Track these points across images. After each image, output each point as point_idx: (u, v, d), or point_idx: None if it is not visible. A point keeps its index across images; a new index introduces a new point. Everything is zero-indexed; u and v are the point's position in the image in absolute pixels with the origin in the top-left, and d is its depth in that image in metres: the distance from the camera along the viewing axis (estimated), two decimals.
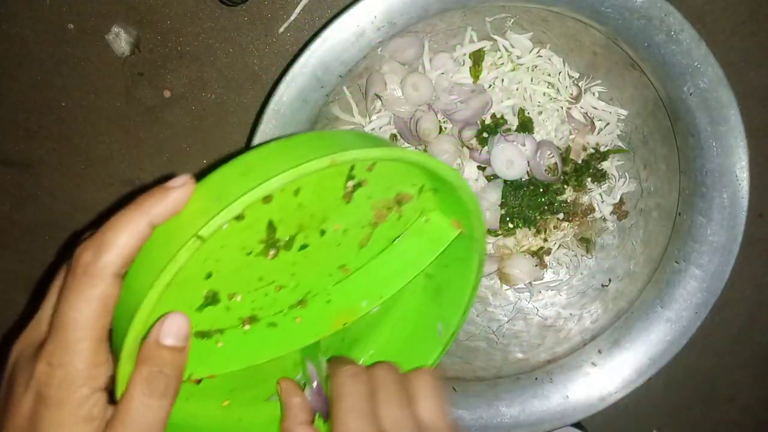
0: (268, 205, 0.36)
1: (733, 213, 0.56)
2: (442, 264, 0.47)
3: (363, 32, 0.51)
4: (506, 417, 0.61)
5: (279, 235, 0.39)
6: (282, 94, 0.51)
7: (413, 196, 0.43)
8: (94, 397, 0.32)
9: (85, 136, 0.66)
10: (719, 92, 0.53)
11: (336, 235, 0.42)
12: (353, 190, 0.39)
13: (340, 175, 0.38)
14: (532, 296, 0.68)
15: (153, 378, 0.33)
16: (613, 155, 0.64)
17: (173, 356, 0.34)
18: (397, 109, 0.60)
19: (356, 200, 0.40)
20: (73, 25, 0.63)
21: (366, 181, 0.39)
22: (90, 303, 0.32)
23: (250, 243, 0.38)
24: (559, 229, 0.66)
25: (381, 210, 0.42)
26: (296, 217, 0.39)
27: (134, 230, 0.32)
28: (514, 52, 0.61)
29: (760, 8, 0.63)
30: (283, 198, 0.36)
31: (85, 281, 0.32)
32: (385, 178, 0.41)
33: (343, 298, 0.44)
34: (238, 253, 0.38)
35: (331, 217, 0.40)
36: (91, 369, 0.32)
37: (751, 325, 0.74)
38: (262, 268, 0.40)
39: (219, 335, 0.41)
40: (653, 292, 0.61)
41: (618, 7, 0.51)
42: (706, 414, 0.77)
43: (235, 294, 0.40)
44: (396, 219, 0.44)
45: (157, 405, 0.33)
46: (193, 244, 0.31)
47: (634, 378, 0.60)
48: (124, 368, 0.33)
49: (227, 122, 0.66)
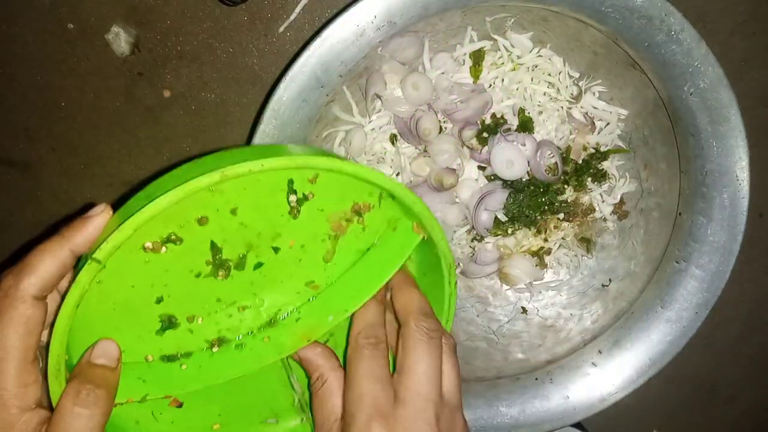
0: (205, 227, 0.37)
1: (733, 213, 0.56)
2: (421, 272, 0.47)
3: (363, 32, 0.51)
4: (506, 417, 0.60)
5: (226, 255, 0.39)
6: (282, 93, 0.51)
7: (373, 205, 0.43)
8: (25, 416, 0.34)
9: (85, 136, 0.66)
10: (720, 92, 0.53)
11: (293, 251, 0.42)
12: (299, 204, 0.39)
13: (278, 191, 0.38)
14: (533, 296, 0.68)
15: (82, 390, 0.34)
16: (614, 155, 0.64)
17: (103, 373, 0.36)
18: (397, 108, 0.60)
19: (306, 214, 0.40)
20: (73, 25, 0.63)
21: (312, 194, 0.39)
22: (12, 325, 0.33)
23: (196, 265, 0.39)
24: (560, 229, 0.66)
25: (338, 222, 0.42)
26: (241, 237, 0.39)
27: (54, 256, 0.35)
28: (514, 51, 0.61)
29: (760, 8, 0.63)
30: (220, 219, 0.37)
31: (7, 304, 0.34)
32: (336, 189, 0.40)
33: (312, 315, 0.44)
34: (187, 276, 0.39)
35: (283, 233, 0.40)
36: (18, 389, 0.34)
37: (751, 325, 0.74)
38: (217, 289, 0.41)
39: (186, 358, 0.42)
40: (654, 292, 0.60)
41: (618, 7, 0.51)
42: (706, 414, 0.77)
43: (195, 317, 0.41)
44: (360, 230, 0.44)
45: (87, 414, 0.34)
46: (90, 267, 0.33)
47: (635, 378, 0.60)
48: (53, 386, 0.34)
49: (227, 122, 0.66)
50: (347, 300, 0.44)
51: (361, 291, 0.43)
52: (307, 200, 0.40)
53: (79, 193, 0.68)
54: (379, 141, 0.62)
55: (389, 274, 0.43)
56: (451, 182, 0.60)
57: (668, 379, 0.74)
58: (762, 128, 0.67)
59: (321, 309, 0.44)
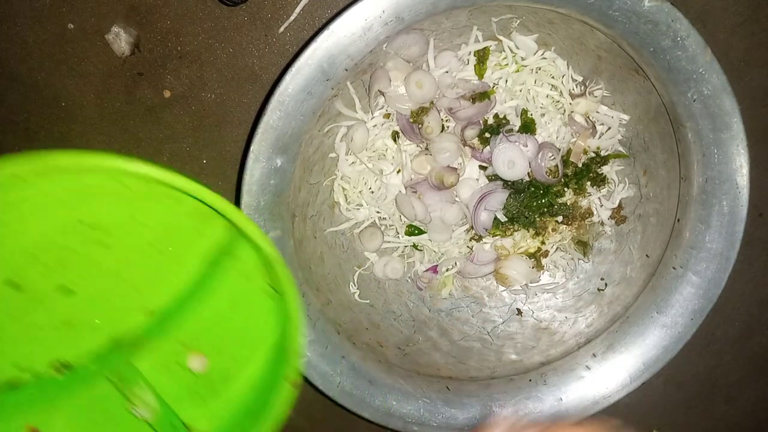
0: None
1: (731, 221, 0.56)
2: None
3: (371, 26, 0.50)
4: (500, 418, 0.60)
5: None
6: (287, 85, 0.50)
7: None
8: None
9: (85, 136, 0.66)
10: (722, 99, 0.54)
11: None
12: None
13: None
14: (528, 298, 0.68)
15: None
16: (614, 160, 0.64)
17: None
18: (399, 106, 0.60)
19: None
20: (73, 25, 0.62)
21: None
22: None
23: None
24: (558, 232, 0.66)
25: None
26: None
27: None
28: (518, 53, 0.61)
29: (760, 8, 0.63)
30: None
31: None
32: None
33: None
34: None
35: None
36: None
37: (751, 325, 0.74)
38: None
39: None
40: (649, 298, 0.61)
41: (626, 11, 0.52)
42: (706, 414, 0.77)
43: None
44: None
45: None
46: None
47: (628, 382, 0.60)
48: None
49: (227, 122, 0.65)
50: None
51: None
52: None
53: None
54: (380, 137, 0.62)
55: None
56: (451, 181, 0.60)
57: (668, 379, 0.75)
58: (762, 128, 0.67)
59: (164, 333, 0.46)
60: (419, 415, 0.60)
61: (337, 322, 0.61)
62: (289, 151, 0.53)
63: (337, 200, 0.64)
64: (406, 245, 0.67)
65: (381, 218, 0.65)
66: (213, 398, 0.49)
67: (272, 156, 0.52)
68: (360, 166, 0.62)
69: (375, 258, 0.66)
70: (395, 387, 0.60)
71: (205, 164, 0.66)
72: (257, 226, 0.42)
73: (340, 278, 0.65)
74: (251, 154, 0.52)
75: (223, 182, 0.67)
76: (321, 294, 0.61)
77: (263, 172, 0.53)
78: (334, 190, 0.64)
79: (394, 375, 0.61)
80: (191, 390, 0.49)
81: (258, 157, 0.52)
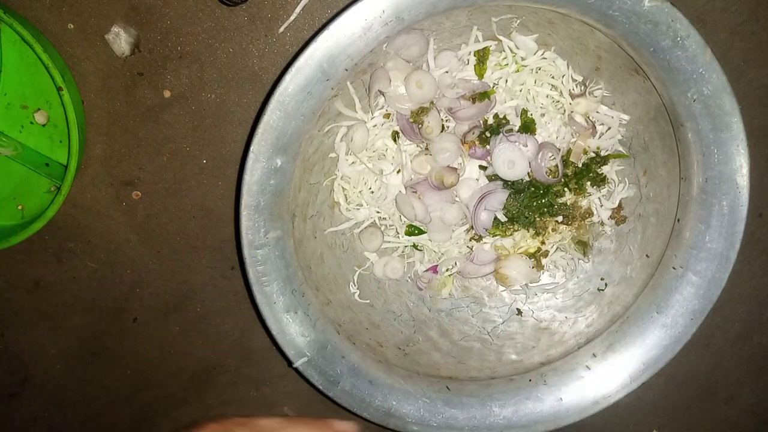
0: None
1: (731, 221, 0.56)
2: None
3: (371, 26, 0.50)
4: (499, 418, 0.60)
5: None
6: (287, 85, 0.50)
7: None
8: None
9: (85, 136, 0.66)
10: (723, 99, 0.54)
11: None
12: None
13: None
14: (528, 298, 0.68)
15: None
16: (614, 160, 0.64)
17: None
18: (399, 106, 0.60)
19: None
20: (73, 25, 0.62)
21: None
22: None
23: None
24: (558, 232, 0.66)
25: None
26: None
27: None
28: (518, 53, 0.61)
29: (760, 8, 0.63)
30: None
31: None
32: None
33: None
34: None
35: None
36: None
37: (751, 325, 0.74)
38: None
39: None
40: (649, 298, 0.61)
41: (626, 11, 0.51)
42: (706, 414, 0.77)
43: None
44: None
45: None
46: None
47: (628, 382, 0.60)
48: None
49: (227, 122, 0.65)
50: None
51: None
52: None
53: (79, 193, 0.67)
54: (380, 137, 0.62)
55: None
56: (451, 181, 0.60)
57: (668, 379, 0.75)
58: (762, 128, 0.67)
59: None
60: (419, 415, 0.60)
61: (337, 322, 0.61)
62: (289, 151, 0.53)
63: (337, 200, 0.64)
64: (406, 245, 0.67)
65: (381, 218, 0.66)
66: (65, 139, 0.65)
67: (272, 156, 0.52)
68: (360, 166, 0.62)
69: (375, 258, 0.66)
70: (395, 387, 0.60)
71: (205, 164, 0.67)
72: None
73: (340, 278, 0.65)
74: (251, 154, 0.52)
75: (223, 182, 0.67)
76: (321, 294, 0.61)
77: (263, 172, 0.53)
78: (334, 190, 0.64)
79: (394, 375, 0.61)
80: (51, 138, 0.66)
81: (258, 157, 0.52)
